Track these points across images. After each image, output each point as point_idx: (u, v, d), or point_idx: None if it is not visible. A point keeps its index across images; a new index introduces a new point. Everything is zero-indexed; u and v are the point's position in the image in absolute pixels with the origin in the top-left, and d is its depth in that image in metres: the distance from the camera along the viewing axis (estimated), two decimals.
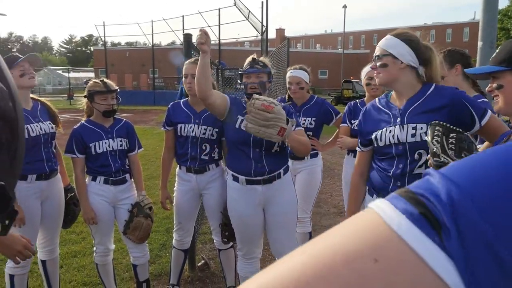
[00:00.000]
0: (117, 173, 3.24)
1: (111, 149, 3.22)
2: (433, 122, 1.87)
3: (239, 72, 3.09)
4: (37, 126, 3.01)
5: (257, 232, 3.09)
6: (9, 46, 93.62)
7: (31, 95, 3.16)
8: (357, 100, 3.86)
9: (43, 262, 3.32)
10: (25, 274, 3.12)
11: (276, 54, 8.97)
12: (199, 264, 4.27)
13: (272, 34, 62.36)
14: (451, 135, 1.75)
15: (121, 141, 3.28)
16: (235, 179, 2.98)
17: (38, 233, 3.16)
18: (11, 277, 3.06)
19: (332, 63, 51.83)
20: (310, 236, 4.16)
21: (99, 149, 3.19)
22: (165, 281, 3.89)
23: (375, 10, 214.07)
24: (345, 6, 48.51)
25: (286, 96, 4.12)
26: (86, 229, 4.86)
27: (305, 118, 3.95)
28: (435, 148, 1.69)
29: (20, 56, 2.99)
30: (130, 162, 3.39)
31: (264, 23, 19.89)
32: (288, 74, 4.01)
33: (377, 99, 2.47)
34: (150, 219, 3.30)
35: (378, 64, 2.25)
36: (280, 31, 66.92)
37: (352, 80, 31.76)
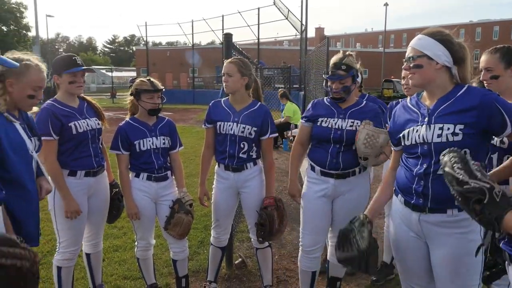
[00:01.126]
0: (159, 170, 3.31)
1: (155, 147, 3.29)
2: (447, 150, 1.76)
3: (324, 78, 3.19)
4: (83, 122, 3.10)
5: (323, 221, 3.19)
6: (56, 46, 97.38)
7: None
8: (399, 100, 3.78)
9: (88, 255, 3.44)
10: (72, 266, 3.22)
11: (315, 53, 8.91)
12: (236, 262, 4.30)
13: (311, 33, 61.85)
14: (471, 161, 1.65)
15: (164, 139, 3.34)
16: (312, 168, 3.17)
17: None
18: (59, 269, 3.17)
19: (372, 62, 50.64)
20: None
21: (143, 146, 3.26)
22: (203, 278, 3.94)
23: (416, 8, 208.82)
24: (386, 4, 47.48)
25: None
26: (127, 224, 4.99)
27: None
28: (460, 176, 1.59)
29: (80, 64, 3.06)
30: (171, 159, 3.45)
31: (304, 22, 19.78)
32: None
33: (408, 98, 2.42)
34: (191, 215, 3.34)
35: (412, 65, 2.18)
36: (319, 30, 66.30)
37: (393, 79, 31.10)
